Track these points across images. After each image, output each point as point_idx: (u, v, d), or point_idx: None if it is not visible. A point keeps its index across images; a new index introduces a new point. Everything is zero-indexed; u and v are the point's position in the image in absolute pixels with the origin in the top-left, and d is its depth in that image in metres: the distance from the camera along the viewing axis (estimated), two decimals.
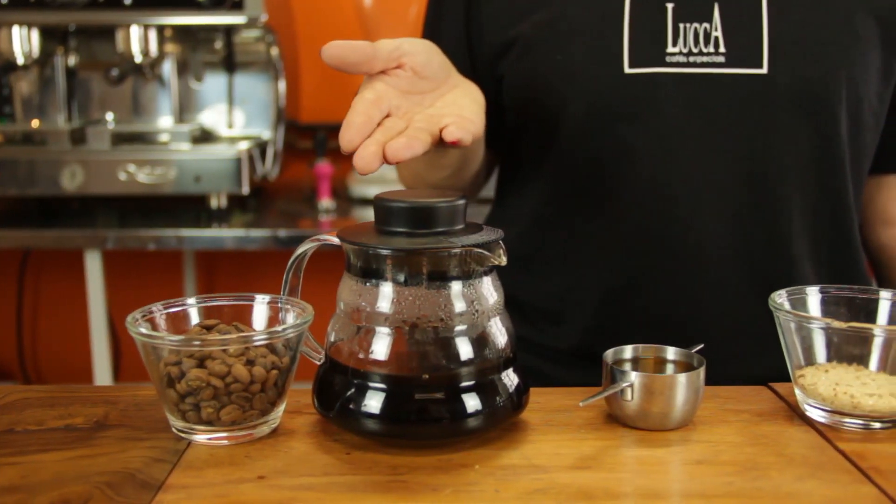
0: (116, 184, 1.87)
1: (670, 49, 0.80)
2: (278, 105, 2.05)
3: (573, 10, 0.83)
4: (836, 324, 0.60)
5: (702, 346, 0.67)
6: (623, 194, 0.83)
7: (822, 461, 0.56)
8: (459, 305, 0.58)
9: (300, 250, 0.64)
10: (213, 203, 1.98)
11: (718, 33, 0.80)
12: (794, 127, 0.81)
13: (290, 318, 0.62)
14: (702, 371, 0.61)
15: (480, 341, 0.58)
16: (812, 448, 0.58)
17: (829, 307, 0.66)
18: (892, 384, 0.61)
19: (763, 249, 0.83)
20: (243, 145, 1.94)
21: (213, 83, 2.13)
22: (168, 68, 2.08)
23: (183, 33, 2.07)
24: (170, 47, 2.06)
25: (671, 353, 0.65)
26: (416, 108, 0.68)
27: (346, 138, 0.60)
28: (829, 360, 0.62)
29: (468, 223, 0.61)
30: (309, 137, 2.24)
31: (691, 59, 0.80)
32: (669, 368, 0.65)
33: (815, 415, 0.63)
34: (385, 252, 0.56)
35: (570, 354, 0.89)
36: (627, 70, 0.80)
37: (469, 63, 0.90)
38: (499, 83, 0.89)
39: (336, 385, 0.58)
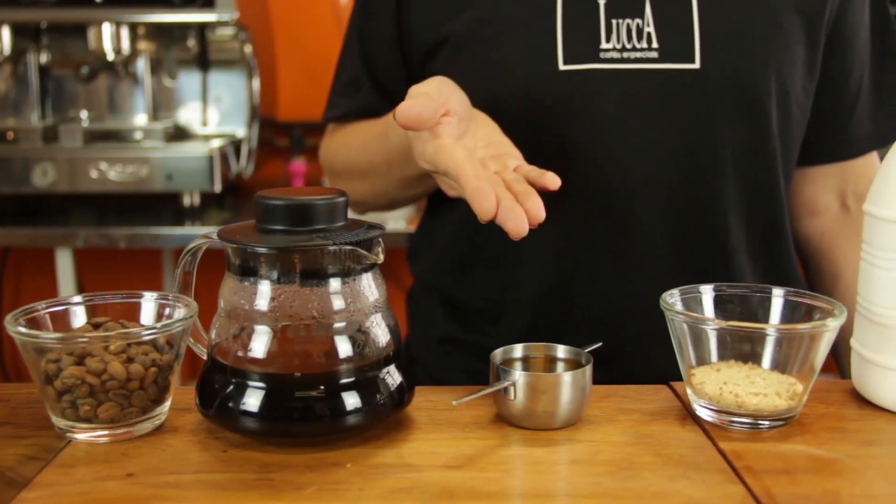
0: (88, 182, 1.88)
1: (604, 45, 0.80)
2: (252, 103, 2.05)
3: (505, 8, 0.82)
4: (719, 323, 0.60)
5: (599, 344, 0.66)
6: (559, 191, 0.83)
7: (699, 461, 0.56)
8: (337, 303, 0.57)
9: (190, 246, 0.64)
10: (186, 201, 1.99)
11: (651, 29, 0.80)
12: (727, 121, 0.81)
13: (178, 315, 0.62)
14: (588, 369, 0.61)
15: (359, 339, 0.58)
16: (692, 448, 0.58)
17: (725, 305, 0.66)
18: (781, 383, 0.61)
19: (700, 243, 0.83)
20: (216, 143, 1.94)
21: (189, 81, 2.14)
22: (142, 66, 2.08)
23: (156, 31, 2.07)
24: (143, 45, 2.07)
25: (561, 351, 0.65)
26: (471, 153, 0.69)
27: (486, 208, 0.59)
28: (724, 359, 0.62)
29: (351, 220, 0.60)
30: (286, 135, 2.24)
31: (625, 54, 0.80)
32: (559, 367, 0.64)
33: (705, 414, 0.62)
34: (258, 250, 0.56)
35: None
36: (562, 67, 0.80)
37: (401, 63, 0.90)
38: None
39: (216, 383, 0.58)
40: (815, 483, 0.53)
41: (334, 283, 0.57)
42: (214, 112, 2.16)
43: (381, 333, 0.59)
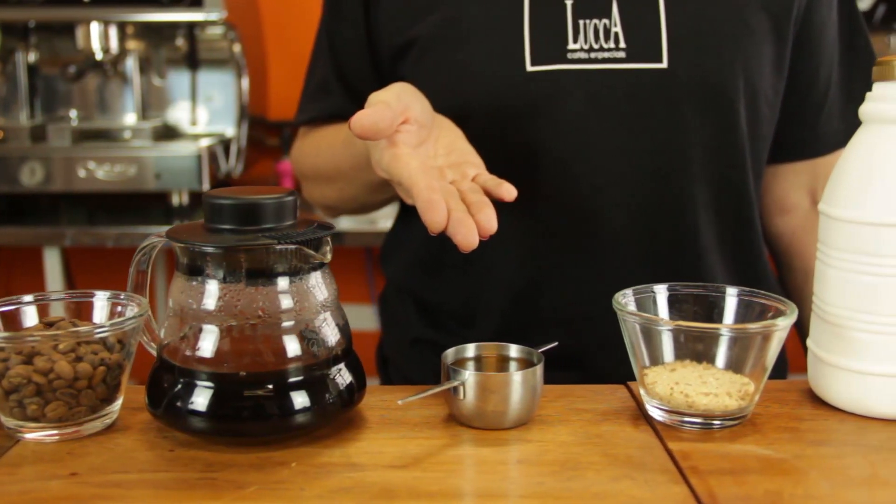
0: (76, 181, 1.88)
1: (571, 46, 0.80)
2: (241, 102, 2.05)
3: (472, 10, 0.82)
4: (669, 323, 0.60)
5: (555, 344, 0.66)
6: (527, 193, 0.82)
7: (645, 461, 0.56)
8: (285, 302, 0.57)
9: (144, 245, 0.64)
10: (175, 200, 1.99)
11: (618, 29, 0.80)
12: (696, 120, 0.81)
13: (130, 314, 0.62)
14: (538, 369, 0.61)
15: (307, 338, 0.58)
16: (641, 448, 0.58)
17: (680, 305, 0.66)
18: (733, 383, 0.60)
19: (670, 243, 0.83)
20: (204, 142, 1.94)
21: (178, 80, 2.14)
22: (131, 65, 2.08)
23: (145, 30, 2.08)
24: (132, 44, 2.07)
25: (513, 350, 0.64)
26: (430, 161, 0.69)
27: (437, 220, 0.59)
28: (679, 358, 0.62)
29: (301, 219, 0.60)
30: (277, 134, 2.25)
31: (592, 55, 0.80)
32: (512, 367, 0.64)
33: (656, 414, 0.62)
34: (205, 249, 0.56)
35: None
36: (530, 68, 0.80)
37: (371, 66, 0.90)
38: None
39: (164, 383, 0.58)
40: (758, 483, 0.53)
41: (282, 282, 0.57)
42: (204, 111, 2.16)
43: (330, 332, 0.59)
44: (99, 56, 1.94)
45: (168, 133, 2.09)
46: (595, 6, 0.80)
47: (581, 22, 0.80)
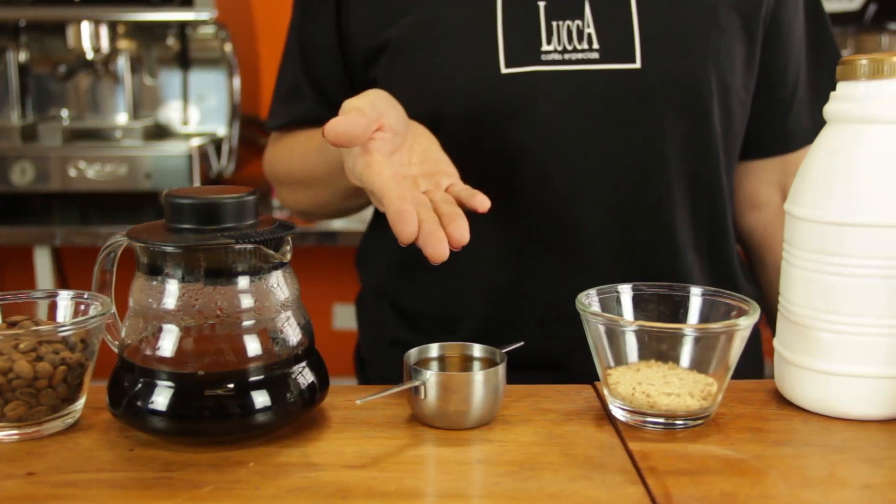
0: (67, 180, 1.89)
1: (545, 47, 0.80)
2: (233, 101, 2.05)
3: (444, 12, 0.82)
4: (628, 323, 0.60)
5: (520, 344, 0.66)
6: (504, 195, 0.82)
7: (604, 462, 0.56)
8: (245, 302, 0.57)
9: (108, 244, 0.64)
10: None
11: (591, 30, 0.80)
12: (670, 119, 0.81)
13: (93, 313, 0.62)
14: (500, 368, 0.61)
15: (267, 337, 0.58)
16: (601, 448, 0.58)
17: (646, 305, 0.65)
18: (697, 383, 0.60)
19: (648, 243, 0.83)
20: (195, 142, 1.94)
21: (170, 80, 2.14)
22: (122, 65, 2.08)
23: (137, 30, 2.08)
24: (124, 43, 2.07)
25: (477, 350, 0.64)
26: (403, 169, 0.69)
27: (407, 231, 0.59)
28: (644, 359, 0.62)
29: (263, 219, 0.60)
30: (269, 134, 2.24)
31: (566, 56, 0.80)
32: (475, 366, 0.64)
33: (619, 414, 0.62)
34: (164, 249, 0.56)
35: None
36: (504, 70, 0.80)
37: (343, 70, 0.89)
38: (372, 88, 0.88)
39: (125, 382, 0.58)
40: (715, 483, 0.52)
41: (241, 282, 0.57)
42: (196, 111, 2.17)
43: (291, 332, 0.59)
44: (90, 56, 1.94)
45: (160, 132, 2.10)
46: (567, 7, 0.80)
47: (554, 23, 0.80)
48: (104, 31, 1.95)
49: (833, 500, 0.51)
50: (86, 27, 1.91)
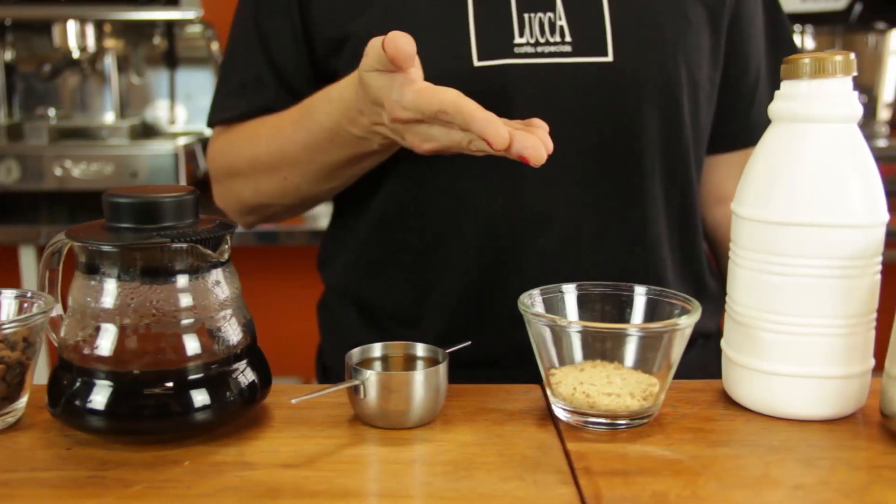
0: (52, 180, 1.89)
1: (517, 40, 0.79)
2: None
3: (414, 4, 0.81)
4: (564, 322, 0.60)
5: (467, 343, 0.66)
6: (475, 190, 0.82)
7: (540, 462, 0.55)
8: (183, 300, 0.57)
9: (53, 242, 0.63)
10: None
11: (563, 22, 0.80)
12: (642, 113, 0.81)
13: (36, 311, 0.62)
14: (442, 367, 0.60)
15: (206, 336, 0.58)
16: (539, 448, 0.57)
17: (592, 305, 0.65)
18: (639, 384, 0.60)
19: (621, 238, 0.83)
20: (181, 141, 1.94)
21: (157, 79, 2.14)
22: (109, 63, 2.09)
23: (124, 28, 2.08)
24: (110, 42, 2.07)
25: (420, 349, 0.64)
26: None
27: (503, 135, 0.59)
28: (590, 358, 0.61)
29: (204, 218, 0.60)
30: None
31: (539, 49, 0.79)
32: (419, 366, 0.64)
33: (562, 415, 0.62)
34: (100, 248, 0.56)
35: None
36: (476, 63, 0.79)
37: (307, 60, 0.88)
38: (333, 79, 0.87)
39: (64, 381, 0.58)
40: (647, 484, 0.52)
41: (178, 281, 0.57)
42: (183, 110, 2.17)
43: (231, 330, 0.59)
44: (76, 54, 1.94)
45: (147, 131, 2.10)
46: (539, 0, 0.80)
47: (526, 16, 0.80)
48: (90, 30, 1.95)
49: (762, 500, 0.51)
50: (72, 26, 1.92)
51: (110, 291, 0.57)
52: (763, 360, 0.61)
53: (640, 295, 0.64)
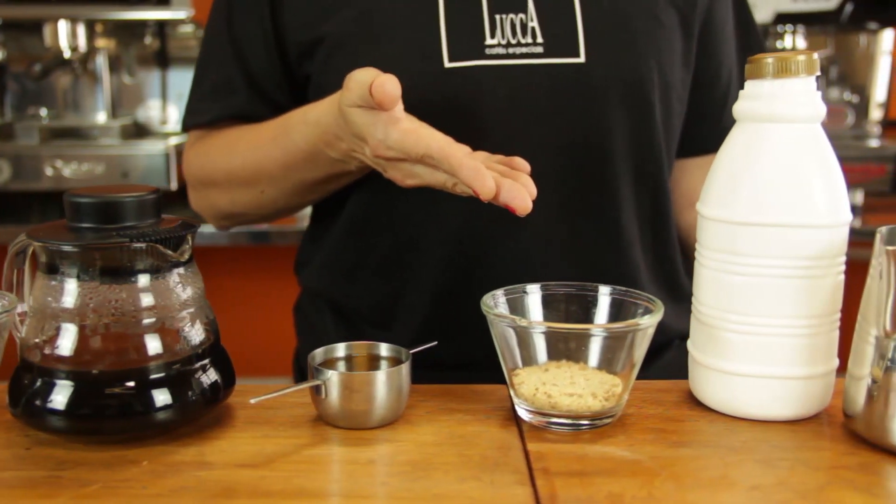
0: (43, 179, 1.89)
1: (489, 41, 0.79)
2: None
3: (385, 5, 0.81)
4: (522, 321, 0.60)
5: (434, 343, 0.66)
6: (446, 194, 0.82)
7: (500, 462, 0.55)
8: (144, 300, 0.57)
9: (16, 241, 0.64)
10: None
11: (535, 23, 0.79)
12: (614, 114, 0.81)
13: None
14: (404, 367, 0.60)
15: (167, 336, 0.58)
16: (499, 449, 0.57)
17: (557, 305, 0.65)
18: (603, 384, 0.60)
19: (594, 239, 0.83)
20: (173, 141, 1.94)
21: (149, 78, 2.14)
22: (101, 63, 2.09)
23: (115, 28, 2.08)
24: (102, 42, 2.07)
25: (384, 349, 0.64)
26: None
27: (489, 186, 0.59)
28: (555, 359, 0.61)
29: (166, 217, 0.60)
30: None
31: (510, 50, 0.79)
32: (383, 365, 0.64)
33: (525, 415, 0.61)
34: (60, 248, 0.56)
35: None
36: (447, 64, 0.79)
37: (279, 64, 0.87)
38: (305, 84, 0.87)
39: (24, 381, 0.58)
40: (603, 485, 0.52)
41: (137, 281, 0.57)
42: (175, 110, 2.17)
43: (192, 330, 0.59)
44: (67, 54, 1.94)
45: (138, 131, 2.10)
46: (511, 1, 0.80)
47: (497, 17, 0.79)
48: (81, 30, 1.95)
49: (718, 501, 0.51)
50: (63, 26, 1.92)
51: (70, 291, 0.57)
52: (726, 361, 0.61)
53: (604, 295, 0.64)
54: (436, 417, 0.62)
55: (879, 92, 2.04)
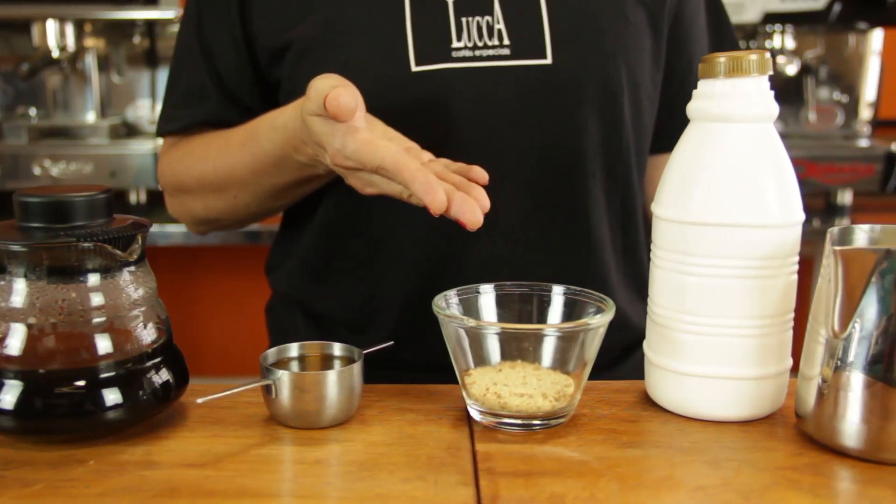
0: (31, 179, 1.89)
1: (455, 44, 0.79)
2: None
3: (352, 10, 0.81)
4: (471, 321, 0.60)
5: (390, 343, 0.66)
6: None
7: (446, 463, 0.55)
8: (91, 300, 0.57)
9: None
10: (133, 198, 2.00)
11: (501, 26, 0.79)
12: (583, 115, 0.81)
13: None
14: (356, 367, 0.60)
15: (117, 335, 0.58)
16: (447, 449, 0.57)
17: (510, 305, 0.65)
18: (555, 384, 0.60)
19: (565, 239, 0.83)
20: (162, 140, 1.94)
21: (138, 78, 2.14)
22: (90, 63, 2.09)
23: (104, 27, 2.08)
24: (91, 41, 2.08)
25: (337, 349, 0.64)
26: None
27: (440, 200, 0.59)
28: (510, 359, 0.61)
29: (118, 217, 0.60)
30: None
31: (477, 52, 0.79)
32: (336, 365, 0.64)
33: (476, 415, 0.61)
34: (7, 247, 0.56)
35: (371, 364, 0.86)
36: (414, 68, 0.79)
37: (250, 69, 0.87)
38: (276, 89, 0.87)
39: None
40: (547, 485, 0.52)
41: (85, 280, 0.57)
42: None
43: (143, 330, 0.59)
44: (55, 54, 1.94)
45: (128, 131, 2.10)
46: (477, 3, 0.80)
47: (464, 20, 0.79)
48: (70, 30, 1.95)
49: (660, 501, 0.50)
50: (51, 25, 1.92)
51: (19, 291, 0.57)
52: (679, 361, 0.61)
53: (557, 295, 0.64)
54: (388, 417, 0.62)
55: (869, 92, 2.04)
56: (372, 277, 0.85)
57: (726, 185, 0.58)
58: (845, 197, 1.96)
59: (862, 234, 0.59)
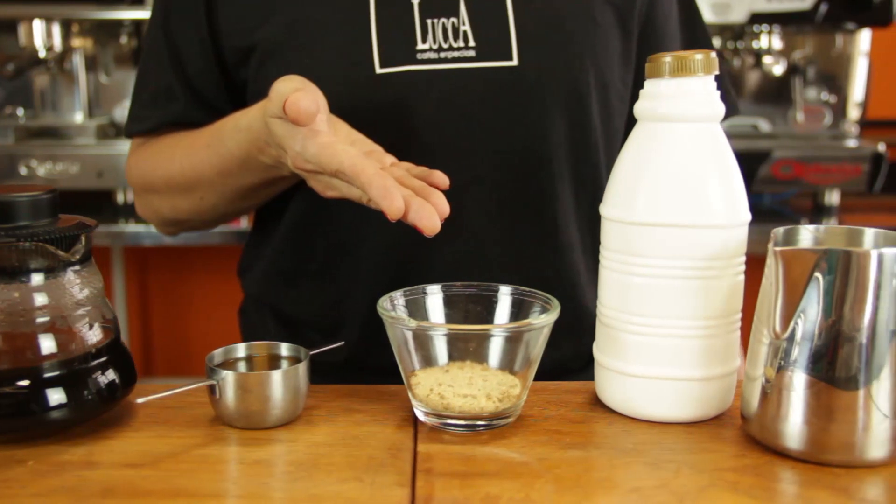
0: (17, 179, 1.89)
1: (420, 46, 0.79)
2: None
3: (316, 12, 0.80)
4: (413, 322, 0.59)
5: (340, 343, 0.66)
6: None
7: (386, 463, 0.55)
8: (33, 300, 0.57)
9: None
10: (120, 198, 2.00)
11: (467, 27, 0.79)
12: (550, 116, 0.80)
13: None
14: (300, 367, 0.60)
15: (60, 335, 0.58)
16: (389, 450, 0.57)
17: (458, 305, 0.65)
18: (500, 385, 0.60)
19: (532, 241, 0.83)
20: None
21: (126, 78, 2.14)
22: (77, 63, 2.09)
23: (91, 27, 2.08)
24: (78, 41, 2.08)
25: (284, 349, 0.64)
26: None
27: (397, 206, 0.59)
28: (457, 359, 0.61)
29: (63, 217, 0.60)
30: None
31: (442, 54, 0.79)
32: (283, 365, 0.64)
33: (421, 416, 0.61)
34: None
35: (342, 367, 0.86)
36: (379, 70, 0.79)
37: (217, 70, 0.86)
38: (243, 89, 0.86)
39: None
40: (483, 486, 0.52)
41: (31, 280, 0.57)
42: None
43: (88, 330, 0.59)
44: (42, 54, 1.95)
45: (115, 131, 2.10)
46: (442, 5, 0.79)
47: (429, 21, 0.79)
48: (57, 29, 1.95)
49: (595, 503, 0.50)
50: (38, 25, 1.92)
51: None
52: (625, 362, 0.60)
53: (505, 295, 0.64)
54: (335, 418, 0.62)
55: (857, 92, 2.03)
56: (340, 280, 0.85)
57: (671, 185, 0.58)
58: (833, 197, 1.96)
59: (807, 235, 0.59)
